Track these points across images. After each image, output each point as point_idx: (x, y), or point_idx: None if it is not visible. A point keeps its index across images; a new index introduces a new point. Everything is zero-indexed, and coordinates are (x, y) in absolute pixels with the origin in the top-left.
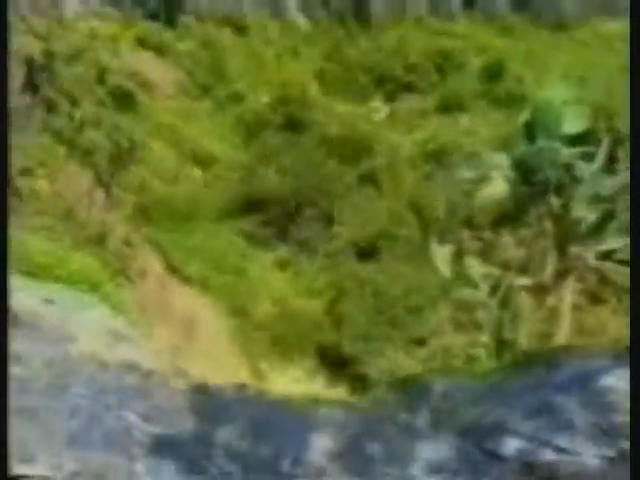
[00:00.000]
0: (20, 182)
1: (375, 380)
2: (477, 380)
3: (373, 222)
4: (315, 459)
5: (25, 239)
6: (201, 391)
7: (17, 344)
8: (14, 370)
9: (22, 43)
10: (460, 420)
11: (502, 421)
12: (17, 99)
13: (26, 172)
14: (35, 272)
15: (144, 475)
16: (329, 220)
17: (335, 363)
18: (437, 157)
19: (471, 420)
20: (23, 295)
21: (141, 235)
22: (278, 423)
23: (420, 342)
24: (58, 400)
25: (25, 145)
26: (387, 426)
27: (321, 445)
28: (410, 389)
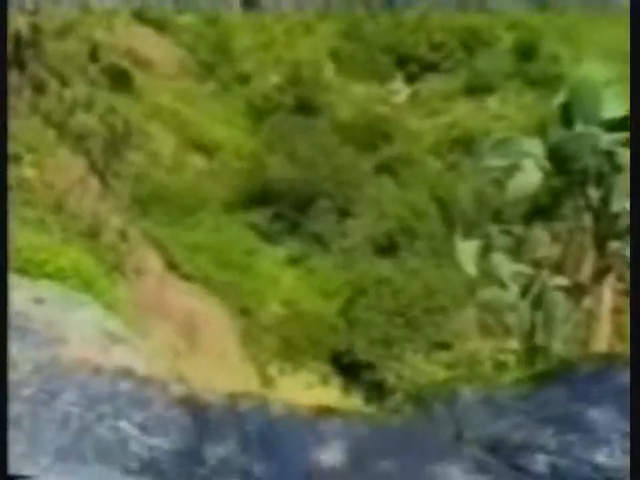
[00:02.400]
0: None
1: (393, 388)
2: (506, 390)
3: (392, 215)
4: (324, 477)
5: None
6: (201, 399)
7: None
8: None
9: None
10: (487, 434)
11: (534, 435)
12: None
13: (12, 159)
14: (22, 268)
15: None
16: (344, 213)
17: (349, 369)
18: (463, 144)
19: (500, 434)
20: (9, 293)
21: (138, 228)
22: (284, 436)
23: (443, 347)
24: (46, 408)
25: (11, 129)
26: (405, 439)
27: (331, 461)
28: (431, 398)
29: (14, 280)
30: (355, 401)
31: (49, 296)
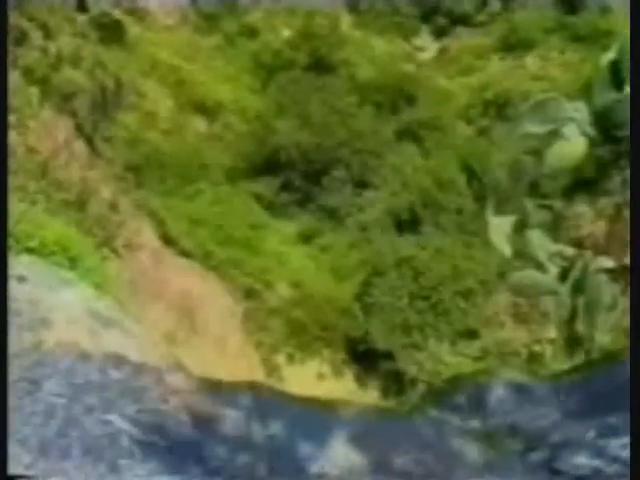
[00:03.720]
0: None
1: (413, 380)
2: (542, 384)
3: (415, 187)
4: (337, 475)
5: None
6: (202, 389)
7: None
8: None
9: None
10: (522, 433)
11: (574, 435)
12: None
13: None
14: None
15: None
16: (361, 184)
17: (365, 358)
18: (497, 107)
19: (535, 433)
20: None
21: (131, 199)
22: (295, 429)
23: (471, 335)
24: (28, 399)
25: None
26: (427, 437)
27: (345, 459)
28: (457, 392)
29: None
30: (371, 394)
31: (31, 273)
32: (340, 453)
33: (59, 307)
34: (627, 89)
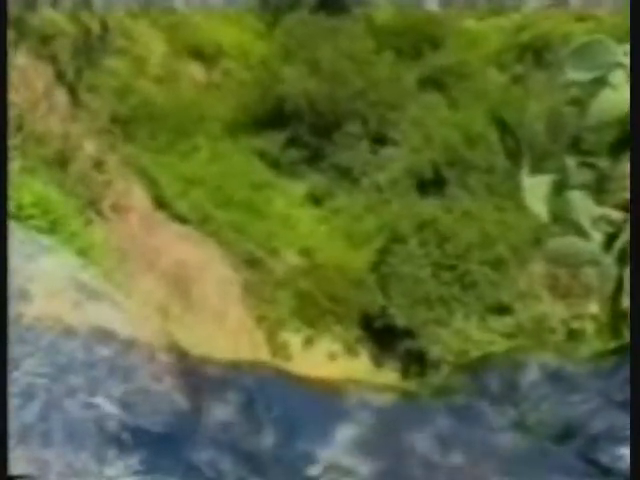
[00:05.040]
0: None
1: (437, 360)
2: (582, 365)
3: (440, 143)
4: (350, 463)
5: None
6: (198, 369)
7: None
8: None
9: None
10: (556, 420)
11: (616, 424)
12: None
13: None
14: None
15: None
16: (378, 140)
17: (383, 336)
18: (534, 52)
19: (572, 420)
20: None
21: (118, 155)
22: (302, 415)
23: (503, 310)
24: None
25: None
26: (451, 422)
27: (358, 444)
28: (486, 375)
29: None
30: (389, 375)
31: (8, 240)
32: (351, 439)
33: (39, 277)
34: None
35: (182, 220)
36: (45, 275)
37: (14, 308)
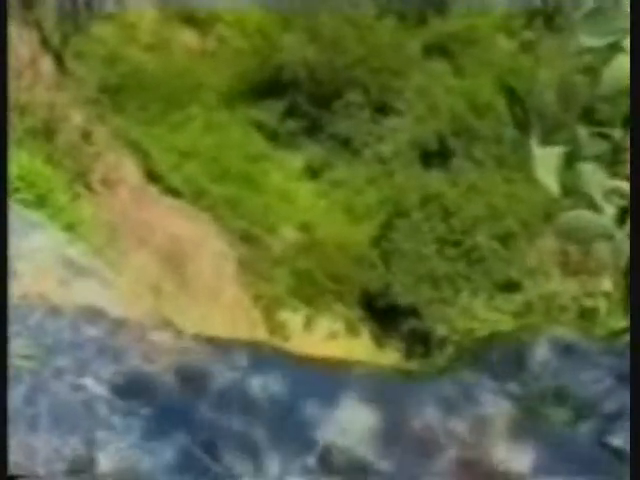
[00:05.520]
0: None
1: (442, 340)
2: (595, 344)
3: (445, 112)
4: (351, 448)
5: None
6: (193, 348)
7: None
8: None
9: None
10: (569, 400)
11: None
12: None
13: None
14: None
15: (112, 469)
16: (381, 109)
17: (385, 315)
18: (545, 16)
19: (586, 402)
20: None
21: (108, 127)
22: (298, 393)
23: (511, 287)
24: None
25: None
26: (456, 401)
27: (357, 424)
28: (493, 354)
29: None
30: (392, 355)
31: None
32: (351, 418)
33: (24, 254)
34: None
35: (175, 194)
36: (31, 251)
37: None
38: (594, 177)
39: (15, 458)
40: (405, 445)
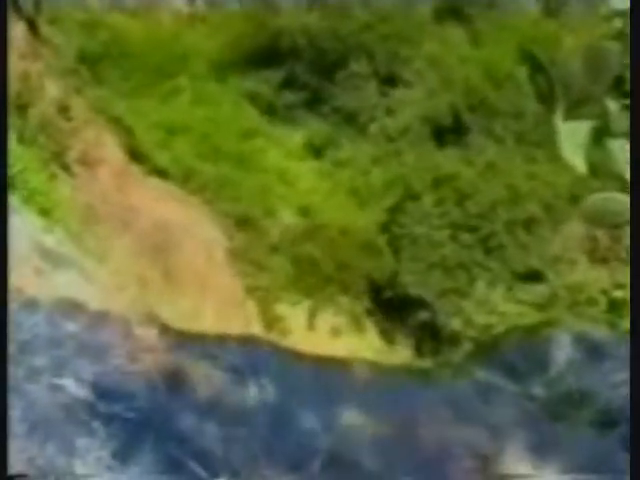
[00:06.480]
0: None
1: (456, 335)
2: (623, 340)
3: (460, 83)
4: (357, 459)
5: None
6: (181, 346)
7: None
8: None
9: None
10: (595, 402)
11: None
12: None
13: None
14: None
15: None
16: (389, 80)
17: (394, 308)
18: None
19: (613, 403)
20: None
21: (87, 100)
22: (297, 397)
23: (532, 277)
24: None
25: None
26: (471, 405)
27: (361, 432)
28: (513, 352)
29: None
30: (401, 352)
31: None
32: (355, 424)
33: None
34: None
35: (161, 175)
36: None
37: None
38: (625, 155)
39: None
40: (415, 454)
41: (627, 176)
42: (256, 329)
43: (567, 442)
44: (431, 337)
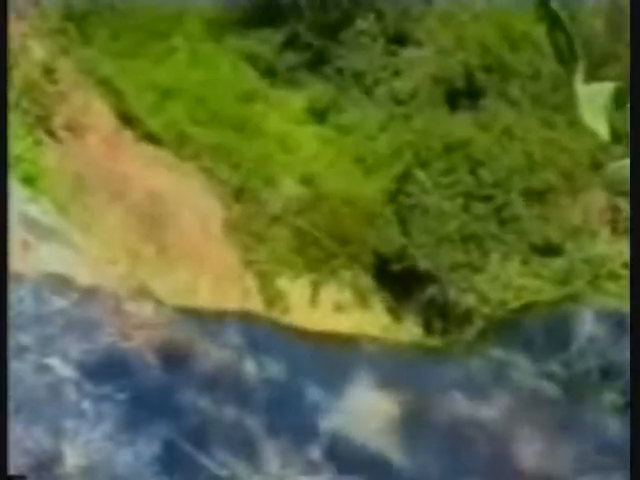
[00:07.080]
0: None
1: (469, 312)
2: None
3: (474, 42)
4: (362, 440)
5: None
6: (176, 322)
7: None
8: None
9: None
10: (619, 380)
11: None
12: None
13: None
14: None
15: (82, 464)
16: (397, 39)
17: (402, 282)
18: None
19: None
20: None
21: (74, 61)
22: (300, 374)
23: (550, 250)
24: None
25: None
26: (485, 386)
27: (368, 411)
28: (530, 328)
29: None
30: (410, 330)
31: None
32: (362, 405)
33: None
34: None
35: (154, 141)
36: None
37: None
38: None
39: None
40: (426, 437)
41: None
42: (255, 304)
43: (586, 424)
44: (441, 314)
